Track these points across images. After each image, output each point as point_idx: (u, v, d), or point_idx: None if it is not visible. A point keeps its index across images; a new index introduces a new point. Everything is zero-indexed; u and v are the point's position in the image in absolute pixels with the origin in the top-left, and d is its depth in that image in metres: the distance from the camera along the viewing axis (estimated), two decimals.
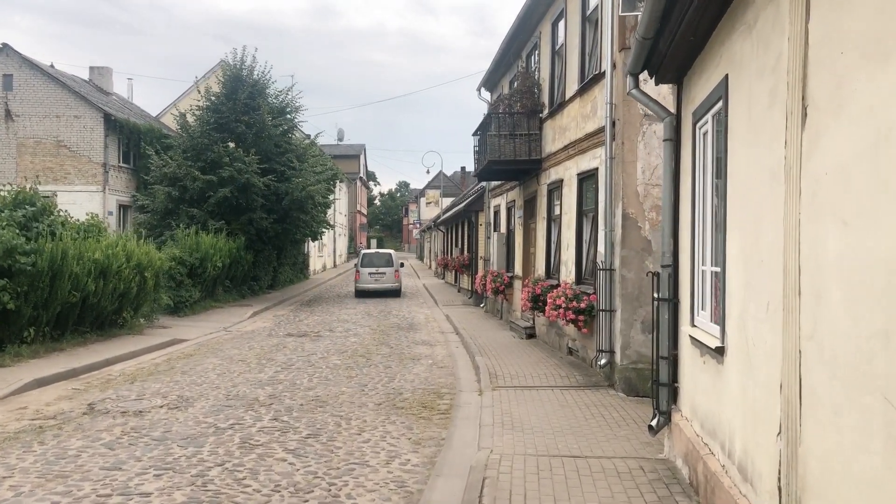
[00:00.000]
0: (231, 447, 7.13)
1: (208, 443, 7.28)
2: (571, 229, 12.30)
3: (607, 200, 9.95)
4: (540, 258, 14.94)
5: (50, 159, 27.01)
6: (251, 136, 24.99)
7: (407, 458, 6.86)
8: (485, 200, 22.39)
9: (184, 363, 12.49)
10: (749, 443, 4.19)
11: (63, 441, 7.32)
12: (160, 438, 7.43)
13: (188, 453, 6.90)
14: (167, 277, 18.42)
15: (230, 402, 9.24)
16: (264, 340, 15.68)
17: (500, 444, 7.18)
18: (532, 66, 15.87)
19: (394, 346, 15.07)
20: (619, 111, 9.66)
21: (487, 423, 8.00)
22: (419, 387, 10.44)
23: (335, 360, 13.21)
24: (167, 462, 6.64)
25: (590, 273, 11.37)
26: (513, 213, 18.39)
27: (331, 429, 7.90)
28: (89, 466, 6.48)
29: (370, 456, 6.92)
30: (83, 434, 7.60)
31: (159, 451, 6.96)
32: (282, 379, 11.00)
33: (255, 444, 7.23)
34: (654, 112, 6.67)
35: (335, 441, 7.41)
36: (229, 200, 23.76)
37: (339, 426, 8.02)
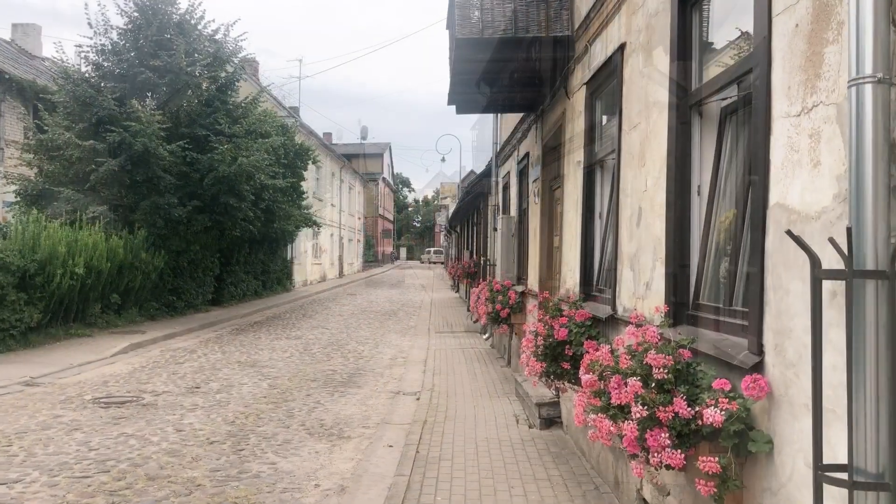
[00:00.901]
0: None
1: None
2: (659, 174, 4.33)
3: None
4: (571, 255, 6.90)
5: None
6: (163, 87, 17.49)
7: None
8: (492, 174, 14.39)
9: None
10: None
11: None
12: None
13: None
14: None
15: None
16: (48, 412, 7.96)
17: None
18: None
19: (269, 435, 7.18)
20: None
21: None
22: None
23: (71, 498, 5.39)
24: None
25: (720, 293, 3.37)
26: (525, 177, 10.38)
27: None
28: None
29: None
30: None
31: None
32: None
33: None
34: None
35: None
36: (120, 177, 16.26)
37: None
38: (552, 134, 8.06)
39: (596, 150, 6.15)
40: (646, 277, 4.47)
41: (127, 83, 17.35)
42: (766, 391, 2.77)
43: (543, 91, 8.31)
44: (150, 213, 16.82)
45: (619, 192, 5.15)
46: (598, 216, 6.14)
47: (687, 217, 3.97)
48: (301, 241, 33.20)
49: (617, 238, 5.16)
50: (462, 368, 11.38)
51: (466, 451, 6.39)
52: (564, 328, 5.27)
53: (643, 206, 4.59)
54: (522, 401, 8.15)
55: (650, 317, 4.33)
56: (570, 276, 6.81)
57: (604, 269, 6.01)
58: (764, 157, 2.96)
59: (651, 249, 4.40)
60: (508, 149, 12.17)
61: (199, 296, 20.04)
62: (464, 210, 23.38)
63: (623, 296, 4.96)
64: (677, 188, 3.98)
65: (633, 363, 3.20)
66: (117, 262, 15.64)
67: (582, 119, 6.45)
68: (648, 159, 4.50)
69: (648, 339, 3.26)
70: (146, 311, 17.41)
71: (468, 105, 9.05)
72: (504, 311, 9.79)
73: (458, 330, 17.27)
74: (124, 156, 16.00)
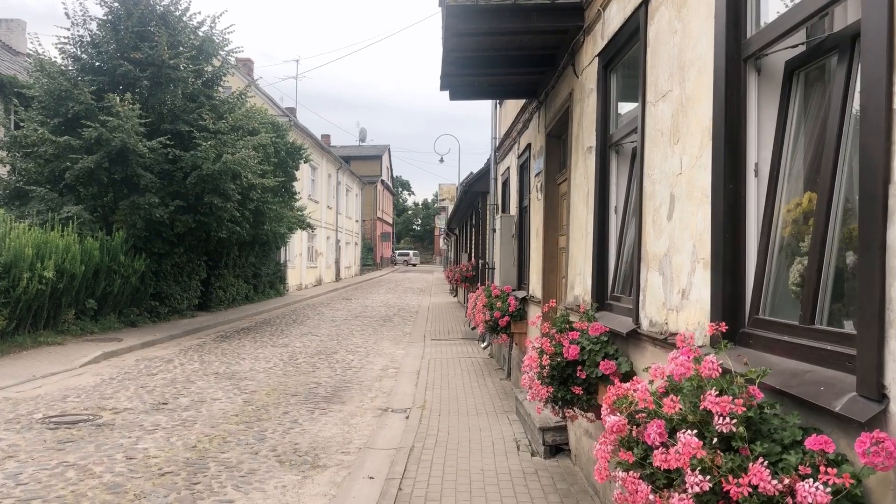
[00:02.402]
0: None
1: None
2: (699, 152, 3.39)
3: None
4: (581, 256, 5.94)
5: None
6: (145, 81, 16.57)
7: None
8: (490, 171, 13.44)
9: None
10: None
11: None
12: None
13: None
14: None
15: None
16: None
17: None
18: None
19: (233, 464, 6.23)
20: None
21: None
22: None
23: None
24: None
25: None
26: (527, 172, 9.44)
27: None
28: None
29: None
30: None
31: None
32: None
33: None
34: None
35: None
36: (97, 175, 15.33)
37: None
38: (557, 120, 7.11)
39: (611, 133, 5.21)
40: (681, 283, 3.53)
41: (106, 77, 16.44)
42: (895, 458, 1.82)
43: (547, 72, 7.37)
44: (130, 213, 15.88)
45: (643, 179, 4.21)
46: (614, 210, 5.20)
47: (741, 205, 3.03)
48: (295, 244, 32.26)
49: (640, 235, 4.22)
50: (458, 381, 10.43)
51: (458, 488, 5.43)
52: (576, 345, 4.31)
53: (677, 192, 3.64)
54: (524, 422, 7.20)
55: (688, 334, 3.38)
56: (580, 281, 5.86)
57: (621, 273, 5.07)
58: (886, 116, 2.02)
59: (688, 248, 3.46)
60: (508, 143, 11.23)
61: (184, 301, 19.08)
62: (461, 211, 22.42)
63: (649, 306, 4.01)
64: (727, 168, 3.04)
65: (684, 407, 2.25)
66: (93, 265, 14.71)
67: (593, 97, 5.51)
68: (684, 134, 3.56)
69: (706, 373, 2.31)
70: (126, 318, 16.46)
71: (463, 90, 8.09)
72: (503, 320, 8.83)
73: (455, 337, 16.32)
74: (101, 152, 15.07)
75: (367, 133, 70.85)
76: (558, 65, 6.89)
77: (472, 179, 17.08)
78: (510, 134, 10.76)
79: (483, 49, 6.75)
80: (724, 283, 3.04)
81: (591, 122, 5.63)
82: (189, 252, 18.77)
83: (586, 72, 5.82)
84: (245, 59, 38.27)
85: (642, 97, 4.25)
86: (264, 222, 20.83)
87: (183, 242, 17.92)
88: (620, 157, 5.22)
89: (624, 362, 4.25)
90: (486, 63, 7.08)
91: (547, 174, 7.73)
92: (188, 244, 18.26)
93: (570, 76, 6.48)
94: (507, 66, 7.18)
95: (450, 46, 6.58)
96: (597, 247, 5.26)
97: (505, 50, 6.80)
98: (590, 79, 5.68)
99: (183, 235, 17.52)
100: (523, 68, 7.30)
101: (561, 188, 7.45)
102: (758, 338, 2.85)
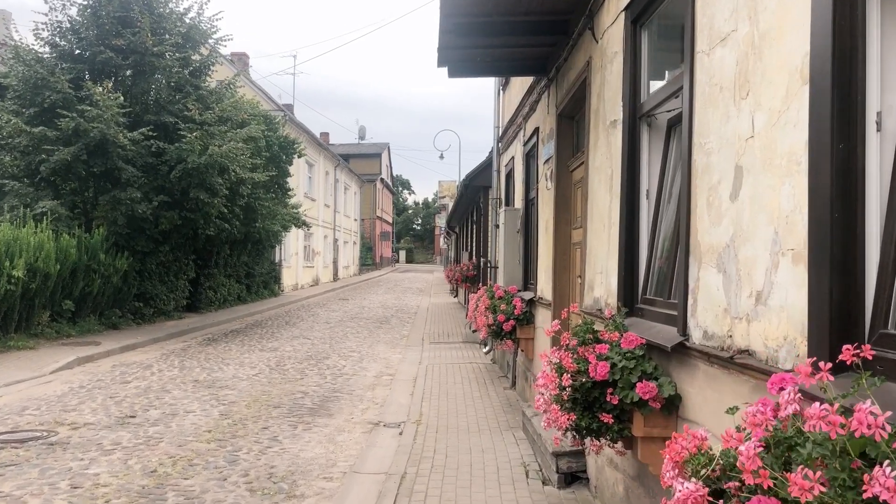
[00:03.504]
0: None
1: None
2: (783, 105, 2.47)
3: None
4: (603, 251, 5.03)
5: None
6: (127, 69, 15.68)
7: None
8: (493, 163, 12.53)
9: None
10: None
11: None
12: None
13: None
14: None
15: None
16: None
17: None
18: None
19: (194, 494, 5.33)
20: None
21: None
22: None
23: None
24: None
25: None
26: (534, 160, 8.53)
27: None
28: None
29: None
30: None
31: None
32: None
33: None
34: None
35: None
36: (75, 168, 14.44)
37: None
38: (571, 96, 6.21)
39: (641, 102, 4.31)
40: (755, 284, 2.63)
41: (86, 64, 15.57)
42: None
43: (559, 43, 6.47)
44: (111, 209, 15.00)
45: (691, 151, 3.30)
46: (645, 195, 4.30)
47: (856, 172, 2.13)
48: (291, 243, 31.37)
49: (687, 222, 3.31)
50: (457, 390, 9.53)
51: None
52: (605, 362, 3.41)
53: (746, 163, 2.74)
54: (533, 442, 6.30)
55: (770, 352, 2.49)
56: (600, 281, 4.96)
57: (654, 270, 4.17)
58: None
59: (766, 235, 2.56)
60: (512, 130, 10.32)
61: (171, 302, 18.18)
62: (462, 207, 21.48)
63: (702, 312, 3.11)
64: (837, 120, 2.14)
65: (832, 491, 1.35)
66: (69, 264, 13.82)
67: (618, 62, 4.61)
68: (758, 83, 2.65)
69: (861, 429, 1.40)
70: (108, 320, 15.56)
71: (463, 65, 7.18)
72: (508, 324, 7.92)
73: (455, 340, 15.43)
74: (80, 144, 14.18)
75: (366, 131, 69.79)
76: (572, 32, 5.99)
77: (474, 173, 16.18)
78: (514, 120, 9.86)
79: (485, 14, 5.85)
80: (831, 283, 2.14)
81: (615, 92, 4.73)
82: (176, 250, 17.87)
83: (609, 33, 4.92)
84: (240, 53, 37.42)
85: (690, 48, 3.34)
86: (256, 219, 19.96)
87: (169, 240, 17.03)
88: (653, 132, 4.32)
89: (667, 384, 3.35)
90: (488, 30, 6.17)
91: (558, 160, 6.82)
92: (175, 242, 17.36)
93: (587, 43, 5.57)
94: (512, 34, 6.27)
95: (448, 9, 5.68)
96: (624, 239, 4.36)
97: (510, 15, 5.89)
98: (614, 40, 4.77)
99: (169, 233, 16.63)
100: (532, 37, 6.40)
101: (575, 175, 6.55)
102: (888, 363, 1.95)
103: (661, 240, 4.19)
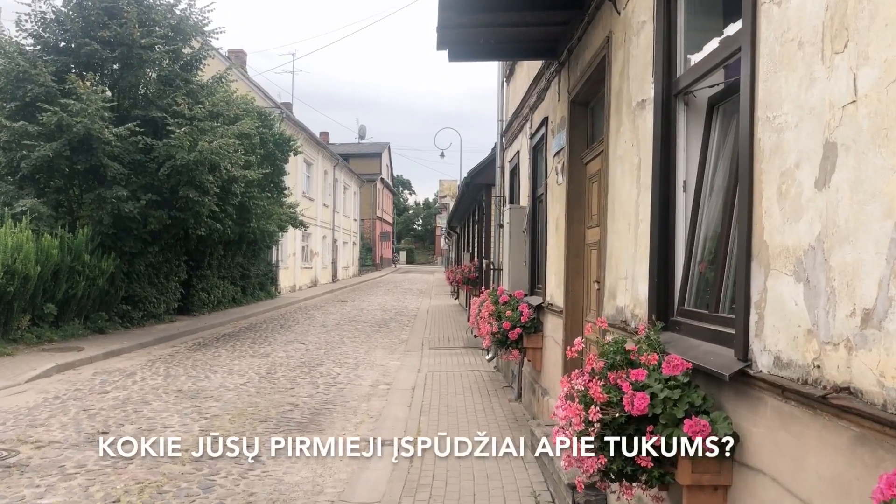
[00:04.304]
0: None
1: None
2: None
3: None
4: (627, 253, 4.35)
5: None
6: (113, 62, 15.02)
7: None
8: (497, 159, 11.85)
9: None
10: None
11: None
12: None
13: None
14: None
15: None
16: None
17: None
18: None
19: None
20: None
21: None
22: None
23: None
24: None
25: None
26: (541, 154, 7.85)
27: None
28: None
29: None
30: None
31: None
32: None
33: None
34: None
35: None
36: (57, 165, 13.78)
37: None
38: (586, 79, 5.54)
39: (677, 77, 3.64)
40: (861, 298, 1.95)
41: (70, 57, 14.91)
42: None
43: (572, 21, 5.80)
44: (96, 208, 14.34)
45: (755, 127, 2.63)
46: (682, 187, 3.62)
47: None
48: (288, 243, 30.71)
49: (749, 217, 2.64)
50: (458, 402, 8.85)
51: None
52: (643, 392, 2.74)
53: (842, 137, 2.07)
54: (543, 468, 5.63)
55: (890, 395, 1.81)
56: (626, 288, 4.29)
57: (694, 276, 3.50)
58: None
59: (881, 233, 1.89)
60: (517, 123, 9.65)
61: (161, 304, 17.49)
62: (463, 206, 20.79)
63: (771, 333, 2.43)
64: None
65: None
66: (51, 265, 13.17)
67: (647, 32, 3.94)
68: (867, 26, 1.98)
69: None
70: (93, 324, 14.88)
71: (465, 48, 6.49)
72: (514, 332, 7.25)
73: (455, 345, 14.75)
74: (62, 139, 13.51)
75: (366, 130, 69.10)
76: (587, 6, 5.31)
77: (476, 170, 15.49)
78: (520, 112, 9.19)
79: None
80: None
81: (642, 68, 4.05)
82: (166, 251, 17.20)
83: (634, 1, 4.25)
84: (237, 50, 36.77)
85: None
86: (250, 219, 19.28)
87: (158, 240, 16.34)
88: (691, 112, 3.65)
89: (721, 420, 2.68)
90: (492, 5, 5.50)
91: (571, 151, 6.15)
92: (165, 242, 16.69)
93: (605, 16, 4.90)
94: (519, 8, 5.60)
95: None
96: (657, 239, 3.68)
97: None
98: (641, 8, 4.10)
99: (158, 233, 15.94)
100: (541, 13, 5.73)
101: (590, 167, 5.88)
102: None
103: (701, 239, 3.52)
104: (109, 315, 15.48)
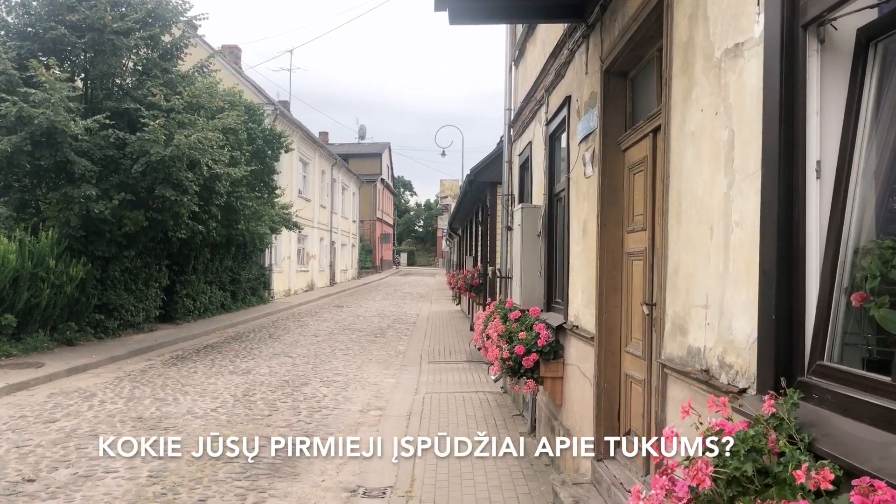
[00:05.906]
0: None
1: None
2: None
3: None
4: (698, 270, 3.03)
5: None
6: (82, 49, 13.74)
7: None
8: (504, 153, 10.53)
9: None
10: None
11: None
12: None
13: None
14: None
15: None
16: None
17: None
18: None
19: None
20: None
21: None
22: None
23: None
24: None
25: None
26: (559, 143, 6.55)
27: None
28: None
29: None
30: None
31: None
32: None
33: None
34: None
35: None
36: (17, 161, 12.48)
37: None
38: (628, 40, 4.23)
39: (807, 3, 2.32)
40: None
41: (36, 43, 13.63)
42: None
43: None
44: (63, 208, 13.05)
45: None
46: (815, 172, 2.31)
47: None
48: (283, 246, 29.41)
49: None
50: (462, 435, 7.52)
51: None
52: None
53: None
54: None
55: None
56: (706, 321, 2.97)
57: (838, 311, 2.19)
58: None
59: None
60: (529, 110, 8.32)
61: (140, 312, 16.18)
62: (466, 206, 19.42)
63: None
64: None
65: None
66: (9, 271, 11.89)
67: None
68: None
69: None
70: (60, 335, 13.58)
71: (468, 7, 5.19)
72: (530, 359, 5.93)
73: (458, 359, 13.44)
74: (24, 132, 12.22)
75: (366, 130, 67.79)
76: None
77: (479, 167, 14.15)
78: (533, 96, 7.87)
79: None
80: None
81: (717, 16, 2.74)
82: (145, 255, 15.91)
83: None
84: (231, 45, 35.44)
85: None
86: (238, 220, 18.02)
87: (135, 244, 15.05)
88: (827, 54, 2.33)
89: None
90: None
91: (604, 135, 4.83)
92: (143, 246, 15.40)
93: None
94: None
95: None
96: (774, 252, 2.37)
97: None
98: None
99: (134, 235, 14.65)
100: None
101: (631, 154, 4.56)
102: None
103: (849, 253, 2.21)
104: (80, 325, 14.17)
